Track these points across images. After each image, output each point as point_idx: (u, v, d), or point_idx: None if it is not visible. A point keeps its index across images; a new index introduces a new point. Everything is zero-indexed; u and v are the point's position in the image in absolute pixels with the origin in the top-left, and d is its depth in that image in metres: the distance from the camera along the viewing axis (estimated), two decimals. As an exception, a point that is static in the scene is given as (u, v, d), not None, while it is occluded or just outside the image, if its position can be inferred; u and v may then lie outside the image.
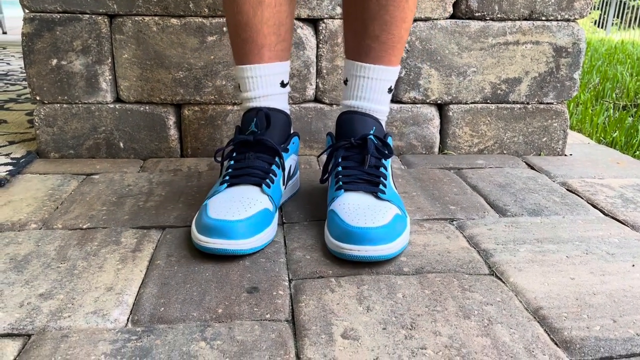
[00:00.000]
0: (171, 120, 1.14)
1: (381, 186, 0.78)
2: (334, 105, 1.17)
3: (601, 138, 1.47)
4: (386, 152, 0.81)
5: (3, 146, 1.16)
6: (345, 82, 0.86)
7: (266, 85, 0.83)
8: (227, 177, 0.79)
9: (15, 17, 4.47)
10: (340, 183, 0.79)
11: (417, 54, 1.15)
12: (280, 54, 0.83)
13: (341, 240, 0.70)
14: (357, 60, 0.83)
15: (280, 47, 0.83)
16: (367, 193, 0.77)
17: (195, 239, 0.72)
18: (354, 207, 0.74)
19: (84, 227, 0.80)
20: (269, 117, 0.81)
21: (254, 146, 0.81)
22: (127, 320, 0.58)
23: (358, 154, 0.80)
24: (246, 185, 0.78)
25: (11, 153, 1.11)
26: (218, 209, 0.73)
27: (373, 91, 0.83)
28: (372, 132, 0.81)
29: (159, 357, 0.52)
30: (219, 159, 0.85)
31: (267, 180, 0.79)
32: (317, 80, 1.15)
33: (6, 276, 0.66)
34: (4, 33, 3.75)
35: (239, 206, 0.73)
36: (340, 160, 0.81)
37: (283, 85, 0.85)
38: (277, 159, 0.81)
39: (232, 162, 0.81)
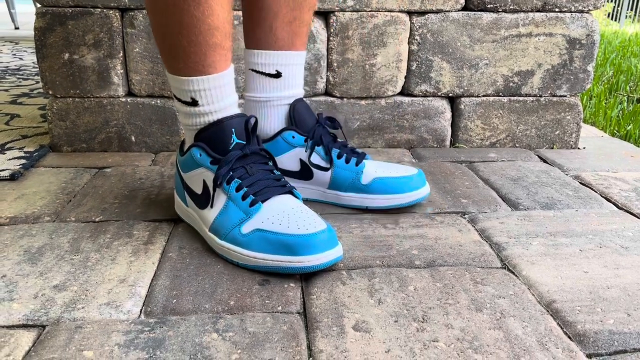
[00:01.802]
0: (182, 114, 1.14)
1: None
2: (345, 99, 1.16)
3: (615, 131, 1.45)
4: None
5: (16, 140, 1.17)
6: (278, 74, 0.84)
7: (232, 91, 0.75)
8: (250, 197, 0.70)
9: (27, 13, 4.51)
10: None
11: (429, 46, 1.15)
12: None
13: None
14: (292, 50, 0.84)
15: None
16: None
17: (296, 263, 0.65)
18: None
19: (97, 219, 0.81)
20: (247, 122, 0.73)
21: (247, 157, 0.73)
22: (140, 311, 0.59)
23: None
24: (278, 196, 0.71)
25: (24, 147, 1.12)
26: (296, 224, 0.66)
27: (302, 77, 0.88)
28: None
29: (172, 348, 0.53)
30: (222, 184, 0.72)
31: (289, 186, 0.74)
32: (328, 74, 1.15)
33: (20, 268, 0.67)
34: (17, 28, 3.78)
35: (307, 214, 0.68)
36: (336, 158, 0.86)
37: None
38: (270, 163, 0.76)
39: (239, 181, 0.71)
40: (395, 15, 1.13)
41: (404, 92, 1.18)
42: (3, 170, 0.98)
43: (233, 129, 0.72)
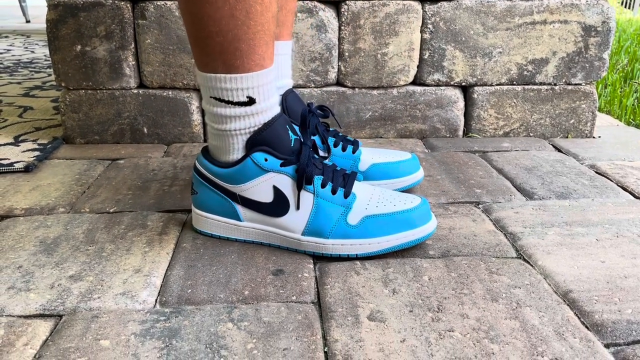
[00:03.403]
0: (194, 105, 1.14)
1: None
2: (357, 89, 1.16)
3: (630, 120, 1.43)
4: None
5: (30, 132, 1.17)
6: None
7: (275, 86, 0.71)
8: (340, 189, 0.69)
9: (38, 6, 4.53)
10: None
11: (441, 35, 1.13)
12: None
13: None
14: (279, 39, 0.81)
15: None
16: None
17: (421, 233, 0.68)
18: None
19: (111, 210, 0.81)
20: (306, 113, 0.73)
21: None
22: (156, 301, 0.59)
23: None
24: (355, 182, 0.72)
25: (38, 139, 1.13)
26: (396, 202, 0.69)
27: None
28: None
29: (187, 337, 0.53)
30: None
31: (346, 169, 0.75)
32: (340, 64, 1.14)
33: (37, 258, 0.67)
34: (28, 21, 3.80)
35: (391, 192, 0.71)
36: (332, 146, 0.85)
37: None
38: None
39: (321, 177, 0.69)
40: (407, 4, 1.11)
41: (416, 82, 1.17)
42: (17, 162, 0.98)
43: (287, 125, 0.68)
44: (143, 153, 1.08)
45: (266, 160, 0.67)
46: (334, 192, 0.68)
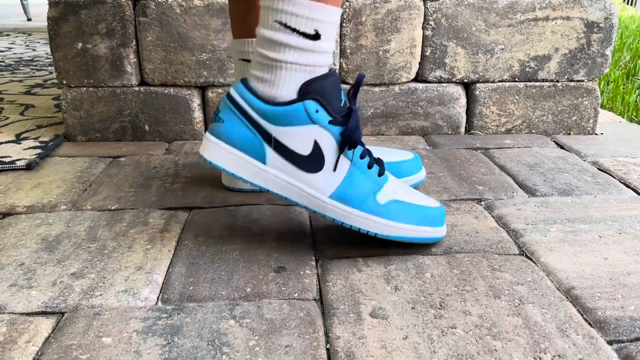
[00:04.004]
0: (195, 102, 1.14)
1: None
2: (358, 86, 1.15)
3: (633, 116, 1.43)
4: None
5: (31, 130, 1.17)
6: (316, 35, 0.63)
7: None
8: (375, 167, 0.68)
9: (39, 4, 4.53)
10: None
11: (443, 31, 1.13)
12: None
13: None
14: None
15: None
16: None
17: (437, 234, 0.69)
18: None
19: (113, 208, 0.81)
20: (360, 79, 0.68)
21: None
22: (157, 298, 0.59)
23: None
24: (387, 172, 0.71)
25: (40, 137, 1.13)
26: (421, 198, 0.69)
27: None
28: None
29: (190, 334, 0.53)
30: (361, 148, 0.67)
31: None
32: (341, 60, 1.14)
33: (38, 256, 0.67)
34: (29, 20, 3.80)
35: (415, 191, 0.71)
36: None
37: None
38: None
39: (362, 148, 0.68)
40: (409, 0, 1.11)
41: (418, 79, 1.17)
42: (19, 159, 0.98)
43: (340, 85, 0.64)
44: (144, 150, 1.08)
45: (317, 111, 0.63)
46: (370, 166, 0.67)
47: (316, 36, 0.62)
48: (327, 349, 0.51)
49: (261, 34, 0.64)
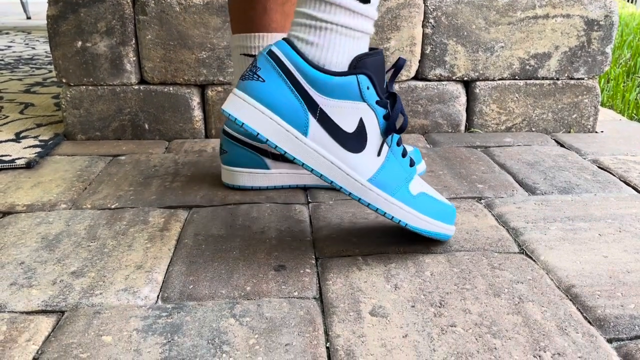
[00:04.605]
0: (195, 101, 1.14)
1: None
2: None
3: (633, 114, 1.43)
4: None
5: (31, 129, 1.17)
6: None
7: None
8: (408, 156, 0.67)
9: (38, 3, 4.52)
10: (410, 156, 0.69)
11: (443, 29, 1.13)
12: None
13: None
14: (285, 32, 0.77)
15: None
16: None
17: (450, 231, 0.69)
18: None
19: (113, 207, 0.81)
20: (400, 62, 0.66)
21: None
22: (157, 297, 0.59)
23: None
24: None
25: (39, 135, 1.13)
26: (439, 195, 0.70)
27: None
28: None
29: (190, 333, 0.53)
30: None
31: None
32: (341, 59, 1.14)
33: (39, 255, 0.67)
34: (29, 18, 3.79)
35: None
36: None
37: None
38: None
39: (398, 136, 0.66)
40: (408, -2, 1.11)
41: (418, 77, 1.17)
42: (19, 158, 0.98)
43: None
44: (144, 149, 1.08)
45: (368, 88, 0.60)
46: (403, 155, 0.66)
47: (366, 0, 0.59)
48: (327, 348, 0.51)
49: None
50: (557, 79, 1.17)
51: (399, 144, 0.66)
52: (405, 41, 1.13)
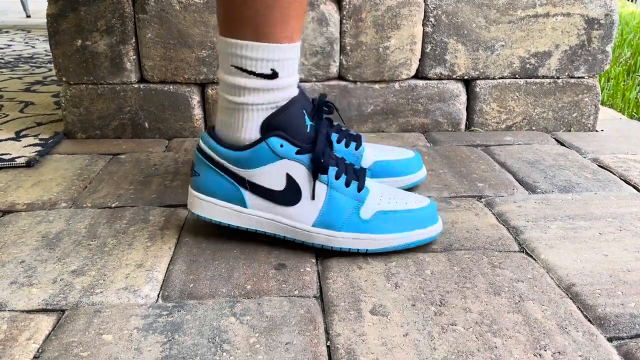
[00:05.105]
0: (195, 99, 1.14)
1: None
2: (358, 83, 1.15)
3: (633, 113, 1.43)
4: None
5: (31, 127, 1.17)
6: (274, 74, 0.64)
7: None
8: (353, 182, 0.68)
9: (38, 1, 4.52)
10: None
11: (443, 28, 1.13)
12: None
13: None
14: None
15: None
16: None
17: (431, 233, 0.68)
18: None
19: (113, 205, 0.81)
20: (320, 99, 0.69)
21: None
22: (158, 296, 0.59)
23: None
24: (368, 179, 0.72)
25: (39, 134, 1.13)
26: (407, 200, 0.69)
27: None
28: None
29: (190, 332, 0.53)
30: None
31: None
32: (341, 57, 1.14)
33: (39, 253, 0.67)
34: (28, 16, 3.79)
35: (401, 191, 0.71)
36: (335, 142, 0.82)
37: None
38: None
39: (336, 168, 0.68)
40: (409, -3, 1.11)
41: (418, 75, 1.16)
42: (19, 157, 0.98)
43: (304, 110, 0.65)
44: (144, 148, 1.08)
45: (282, 146, 0.64)
46: (347, 184, 0.67)
47: (274, 75, 0.63)
48: (328, 346, 0.51)
49: (221, 78, 0.65)
50: (558, 78, 1.17)
51: (338, 176, 0.66)
52: (406, 40, 1.13)
